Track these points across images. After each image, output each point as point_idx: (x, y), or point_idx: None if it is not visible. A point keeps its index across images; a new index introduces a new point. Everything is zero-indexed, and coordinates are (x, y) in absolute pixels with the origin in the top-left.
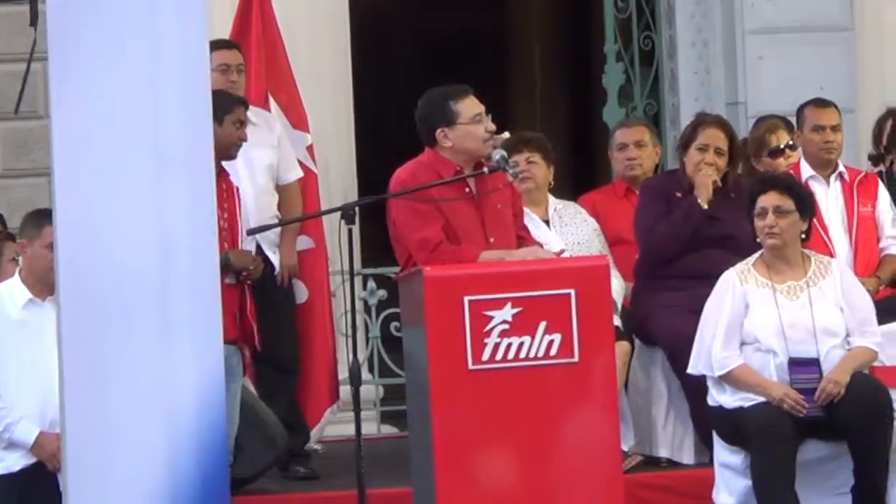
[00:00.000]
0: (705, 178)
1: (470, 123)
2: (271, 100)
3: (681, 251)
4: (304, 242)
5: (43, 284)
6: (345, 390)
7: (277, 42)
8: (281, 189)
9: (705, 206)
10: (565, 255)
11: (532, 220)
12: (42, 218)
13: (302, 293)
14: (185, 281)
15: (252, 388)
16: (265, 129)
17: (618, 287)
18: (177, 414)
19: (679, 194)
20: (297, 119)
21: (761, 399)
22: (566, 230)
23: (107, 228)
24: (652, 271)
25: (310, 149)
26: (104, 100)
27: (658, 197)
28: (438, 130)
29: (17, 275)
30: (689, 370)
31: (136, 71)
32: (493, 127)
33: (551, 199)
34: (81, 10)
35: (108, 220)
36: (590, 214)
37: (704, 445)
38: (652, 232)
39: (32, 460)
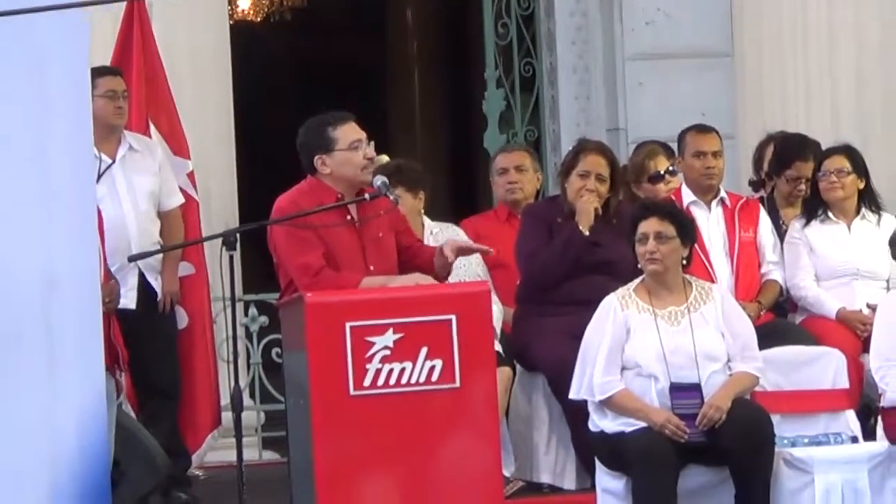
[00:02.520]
0: (587, 205)
1: (348, 150)
2: (152, 126)
3: (562, 277)
4: (184, 269)
5: None
6: (226, 416)
7: (158, 68)
8: (163, 215)
9: (587, 233)
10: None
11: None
12: None
13: (182, 319)
14: (68, 311)
15: (132, 414)
16: (147, 155)
17: (497, 312)
18: (59, 442)
19: (560, 220)
20: (177, 146)
21: (642, 424)
22: None
23: None
24: (533, 297)
25: (191, 175)
26: None
27: (539, 223)
28: (317, 157)
29: None
30: (571, 395)
31: (18, 99)
32: (371, 154)
33: (427, 222)
34: None
35: None
36: (471, 238)
37: (586, 471)
38: (534, 257)
39: None
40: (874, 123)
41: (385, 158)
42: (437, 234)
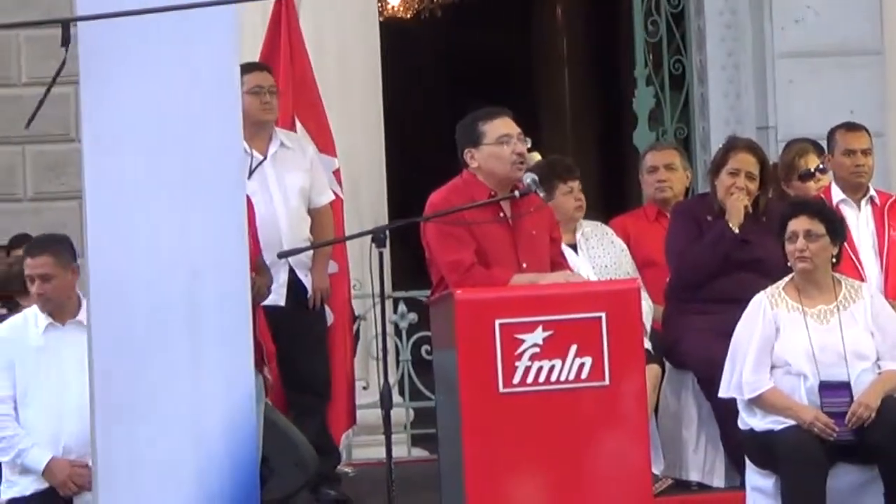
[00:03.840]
0: (737, 203)
1: (495, 144)
2: (298, 124)
3: (712, 275)
4: (330, 267)
5: (63, 309)
6: (376, 413)
7: (306, 65)
8: (313, 212)
9: (736, 230)
10: (594, 277)
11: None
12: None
13: (329, 317)
14: (215, 304)
15: (278, 412)
16: (298, 151)
17: (647, 310)
18: (207, 439)
19: (710, 218)
20: (324, 144)
21: (792, 422)
22: (594, 252)
23: (138, 252)
24: (683, 294)
25: (336, 173)
26: (135, 123)
27: (689, 220)
28: (466, 151)
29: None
30: (721, 394)
31: (168, 94)
32: (521, 149)
33: (581, 221)
34: (114, 33)
35: (140, 244)
36: (621, 237)
37: (735, 469)
38: (683, 255)
39: (44, 485)
40: None
41: (537, 156)
42: (588, 232)
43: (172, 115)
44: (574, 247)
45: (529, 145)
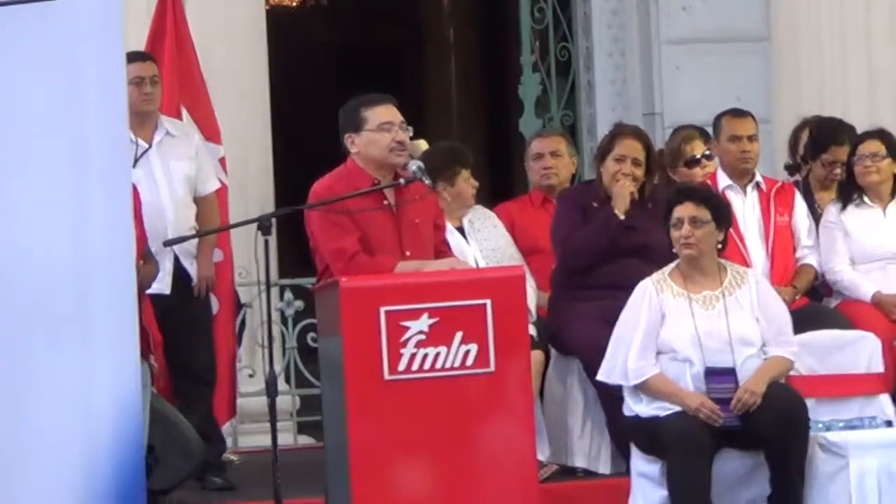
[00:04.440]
0: (622, 189)
1: (376, 131)
2: (184, 112)
3: (598, 261)
4: (215, 255)
5: None
6: (261, 401)
7: (191, 54)
8: (199, 200)
9: (622, 217)
10: (482, 262)
11: (448, 231)
12: None
13: (215, 305)
14: (102, 292)
15: (164, 400)
16: (183, 139)
17: (532, 296)
18: (93, 426)
19: (596, 204)
20: (210, 131)
21: (677, 408)
22: (479, 236)
23: (24, 242)
24: (568, 281)
25: (222, 161)
26: (20, 112)
27: (575, 207)
28: (347, 136)
29: None
30: (600, 377)
31: (51, 83)
32: (402, 137)
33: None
34: None
35: (25, 233)
36: (506, 223)
37: (621, 455)
38: (569, 241)
39: None
40: None
41: (424, 144)
42: (474, 217)
43: (57, 103)
44: (461, 231)
45: (411, 134)
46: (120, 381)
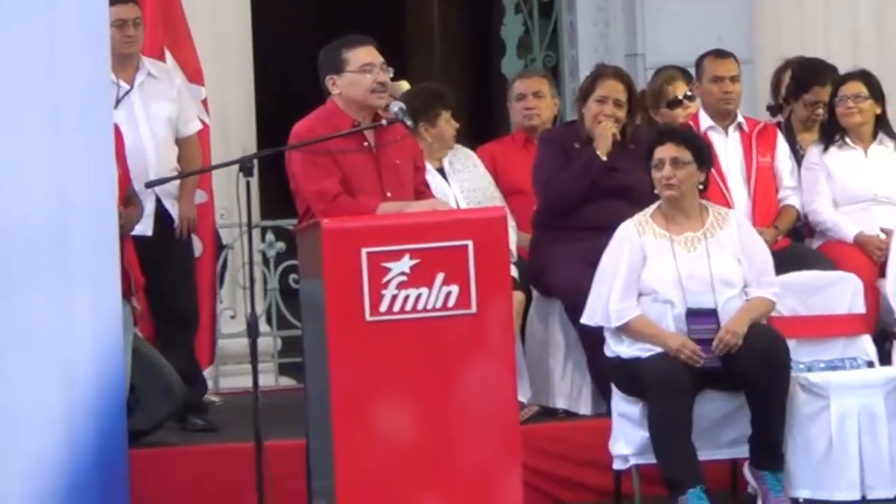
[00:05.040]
0: (604, 130)
1: (357, 72)
2: (167, 53)
3: (579, 202)
4: (198, 196)
5: None
6: (242, 342)
7: None
8: (181, 142)
9: (604, 158)
10: (463, 202)
11: (428, 172)
12: None
13: (198, 247)
14: (83, 234)
15: (146, 341)
16: (166, 81)
17: (514, 237)
18: (75, 366)
19: (578, 145)
20: (192, 73)
21: (658, 350)
22: (460, 177)
23: (6, 183)
24: (550, 222)
25: (204, 102)
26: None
27: (557, 148)
28: (328, 78)
29: None
30: (584, 320)
31: (33, 25)
32: (384, 78)
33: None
34: None
35: (7, 175)
36: (489, 164)
37: (602, 396)
38: (551, 182)
39: None
40: (893, 48)
41: (405, 85)
42: (453, 158)
43: (38, 46)
44: (442, 172)
45: (392, 74)
46: (101, 322)
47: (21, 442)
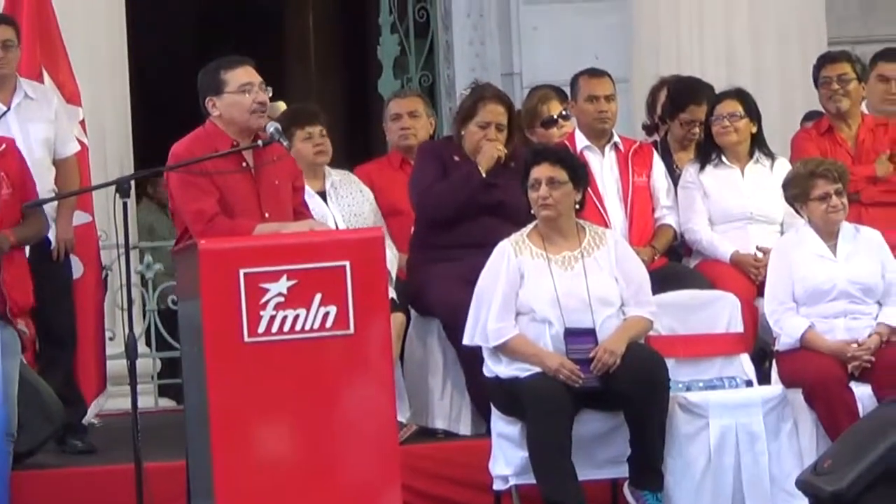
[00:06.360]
0: (492, 150)
1: (237, 93)
2: (45, 74)
3: (456, 215)
4: (79, 217)
5: None
6: (121, 364)
7: (50, 15)
8: (58, 163)
9: (484, 174)
10: (343, 226)
11: (308, 194)
12: None
13: (78, 268)
14: None
15: (25, 363)
16: (43, 102)
17: (392, 258)
18: None
19: (458, 158)
20: (70, 93)
21: (537, 369)
22: (343, 202)
23: None
24: (427, 240)
25: (82, 123)
26: None
27: (435, 159)
28: (208, 99)
29: None
30: (465, 342)
31: None
32: (263, 98)
33: (328, 170)
34: None
35: None
36: (366, 185)
37: (481, 416)
38: (428, 192)
39: None
40: (768, 67)
41: (282, 106)
42: (337, 182)
43: None
44: (323, 195)
45: (270, 94)
46: None
47: None
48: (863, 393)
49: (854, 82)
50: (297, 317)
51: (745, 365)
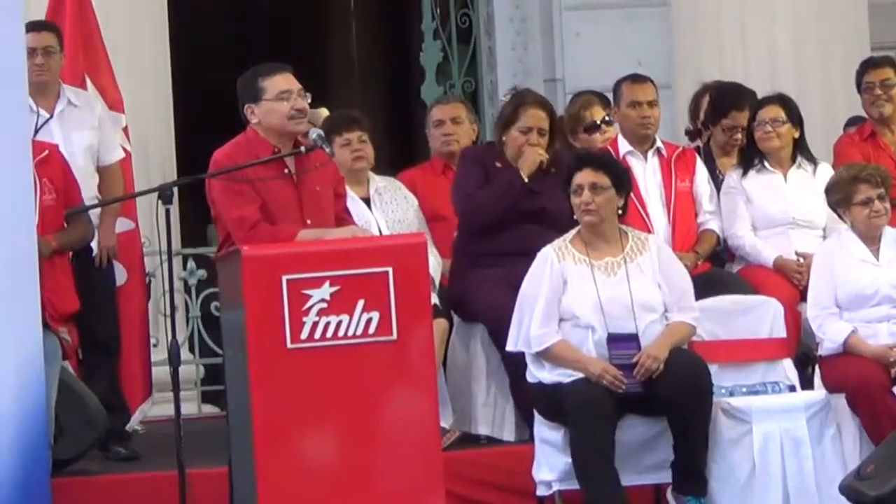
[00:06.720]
0: (534, 154)
1: (275, 100)
2: (88, 81)
3: (499, 222)
4: (123, 224)
5: None
6: (164, 370)
7: (93, 21)
8: (102, 170)
9: (526, 179)
10: (387, 233)
11: (352, 200)
12: None
13: (122, 275)
14: (2, 263)
15: (70, 370)
16: (86, 109)
17: (435, 264)
18: None
19: (500, 164)
20: (113, 100)
21: (580, 375)
22: (387, 208)
23: None
24: (470, 247)
25: (125, 130)
26: None
27: (477, 165)
28: (246, 107)
29: None
30: (508, 348)
31: None
32: (301, 105)
33: (372, 176)
34: None
35: None
36: (409, 189)
37: (524, 422)
38: (471, 199)
39: None
40: (811, 73)
41: (324, 112)
42: (381, 188)
43: None
44: (367, 201)
45: (310, 100)
46: (22, 351)
47: None
48: None
49: None
50: (339, 323)
51: (788, 370)
